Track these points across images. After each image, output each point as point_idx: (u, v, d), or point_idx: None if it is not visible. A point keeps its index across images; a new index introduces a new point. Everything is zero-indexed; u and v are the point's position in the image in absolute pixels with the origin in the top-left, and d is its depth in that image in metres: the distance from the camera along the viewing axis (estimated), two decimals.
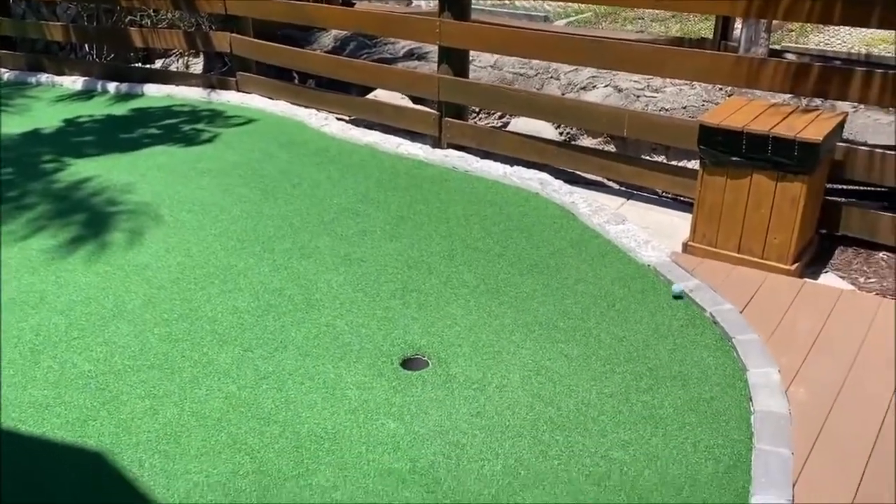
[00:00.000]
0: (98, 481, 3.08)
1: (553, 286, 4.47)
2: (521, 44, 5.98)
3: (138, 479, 3.08)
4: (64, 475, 3.11)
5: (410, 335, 4.03)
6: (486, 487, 3.06)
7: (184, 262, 4.71)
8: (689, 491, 3.04)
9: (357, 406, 3.51)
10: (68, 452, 3.22)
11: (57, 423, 3.38)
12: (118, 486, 3.04)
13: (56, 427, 3.36)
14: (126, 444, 3.27)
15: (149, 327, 4.07)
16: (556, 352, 3.89)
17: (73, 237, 5.03)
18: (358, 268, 4.69)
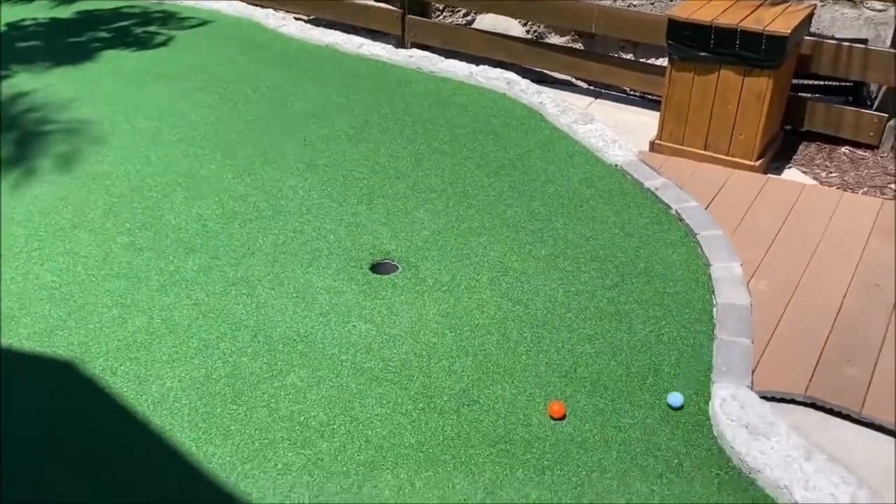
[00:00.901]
0: (70, 388, 3.09)
1: (521, 188, 4.46)
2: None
3: (111, 386, 3.09)
4: (35, 384, 3.11)
5: (379, 240, 4.02)
6: (456, 383, 3.14)
7: (143, 170, 4.59)
8: (652, 380, 3.15)
9: (328, 310, 3.53)
10: (38, 362, 3.21)
11: (24, 334, 3.35)
12: (90, 393, 3.06)
13: (23, 338, 3.33)
14: (96, 352, 3.26)
15: (111, 237, 4.00)
16: (523, 253, 3.92)
17: (26, 147, 4.85)
18: (323, 173, 4.61)
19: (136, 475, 2.73)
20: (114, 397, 3.04)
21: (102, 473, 2.73)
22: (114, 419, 2.95)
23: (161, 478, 2.72)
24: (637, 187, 4.43)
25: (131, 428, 2.91)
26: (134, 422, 2.93)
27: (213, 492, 2.66)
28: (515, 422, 2.96)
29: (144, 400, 3.03)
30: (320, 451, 2.83)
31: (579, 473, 2.75)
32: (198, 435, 2.88)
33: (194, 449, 2.83)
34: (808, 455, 2.69)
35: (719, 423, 2.89)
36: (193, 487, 2.68)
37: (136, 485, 2.70)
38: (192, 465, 2.76)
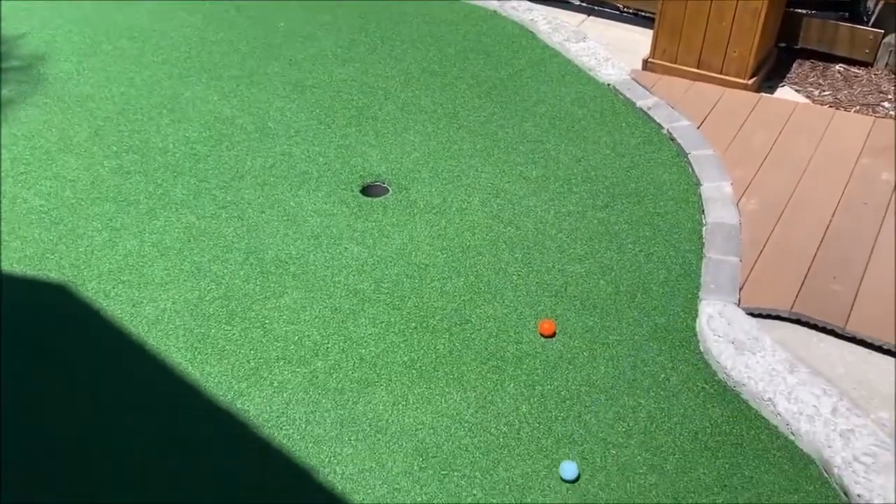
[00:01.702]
0: (65, 310, 3.10)
1: (512, 109, 4.40)
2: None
3: (105, 309, 3.11)
4: (29, 307, 3.13)
5: (369, 162, 3.99)
6: (448, 303, 3.17)
7: (128, 93, 4.50)
8: (641, 298, 3.19)
9: (319, 232, 3.53)
10: (31, 286, 3.21)
11: (14, 258, 3.34)
12: (85, 315, 3.08)
13: (14, 262, 3.33)
14: (88, 276, 3.27)
15: (98, 160, 3.95)
16: (514, 174, 3.91)
17: (5, 69, 4.72)
18: (311, 95, 4.53)
19: (133, 393, 2.78)
20: (108, 319, 3.06)
21: (100, 392, 2.78)
22: (109, 340, 2.98)
23: (158, 395, 2.77)
24: (629, 107, 4.38)
25: (127, 348, 2.94)
26: (129, 343, 2.96)
27: (210, 408, 2.72)
28: (506, 340, 3.01)
29: (139, 322, 3.06)
30: (315, 369, 2.88)
31: (568, 388, 2.82)
32: (193, 355, 2.92)
33: (190, 368, 2.87)
34: (792, 368, 2.77)
35: (706, 340, 2.95)
36: (190, 404, 2.74)
37: (132, 402, 2.75)
38: (189, 384, 2.81)
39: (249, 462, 2.56)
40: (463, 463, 2.56)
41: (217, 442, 2.62)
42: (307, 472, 2.52)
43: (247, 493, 2.46)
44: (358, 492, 2.47)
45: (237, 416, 2.70)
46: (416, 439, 2.63)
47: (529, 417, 2.71)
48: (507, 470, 2.54)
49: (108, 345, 2.96)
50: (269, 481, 2.50)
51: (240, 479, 2.50)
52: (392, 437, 2.64)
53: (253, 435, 2.64)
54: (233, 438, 2.63)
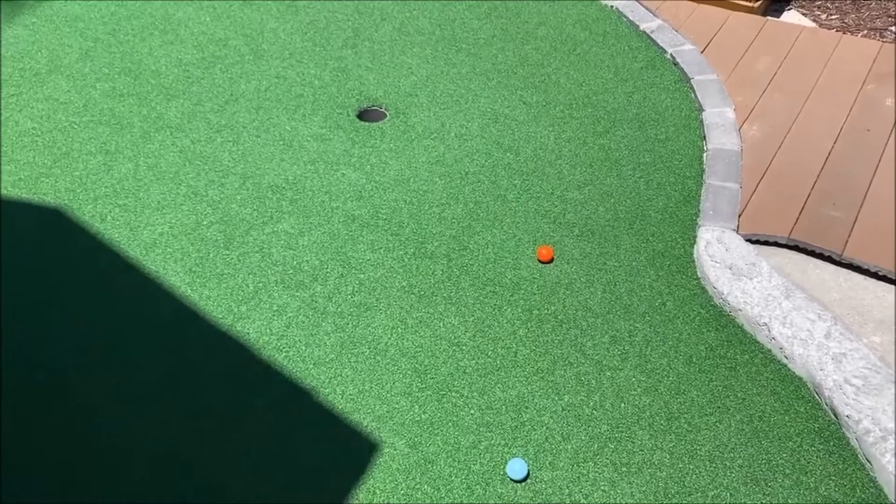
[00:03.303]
0: (61, 233, 3.10)
1: (512, 31, 4.30)
2: None
3: (102, 232, 3.10)
4: (26, 230, 3.11)
5: (366, 86, 3.92)
6: (447, 229, 3.17)
7: (118, 13, 4.37)
8: (639, 224, 3.19)
9: (316, 157, 3.50)
10: (26, 209, 3.19)
11: (9, 182, 3.31)
12: (82, 238, 3.07)
13: (8, 185, 3.30)
14: (84, 199, 3.24)
15: (90, 82, 3.87)
16: (515, 99, 3.84)
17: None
18: (305, 15, 4.41)
19: (132, 316, 2.80)
20: (105, 244, 3.06)
21: (97, 315, 2.80)
22: (107, 263, 2.98)
23: (157, 317, 2.79)
24: (632, 30, 4.28)
25: (125, 272, 2.95)
26: (127, 266, 2.97)
27: (210, 331, 2.75)
28: (504, 266, 3.02)
29: (136, 245, 3.05)
30: (314, 293, 2.90)
31: (565, 312, 2.84)
32: (192, 279, 2.93)
33: (189, 291, 2.88)
34: (788, 294, 2.79)
35: (703, 265, 2.96)
36: (191, 325, 2.76)
37: (133, 324, 2.77)
38: (188, 306, 2.83)
39: (250, 384, 2.60)
40: (461, 384, 2.60)
41: (218, 363, 2.65)
42: (307, 392, 2.57)
43: (246, 414, 2.51)
44: (358, 411, 2.51)
45: (237, 339, 2.73)
46: (415, 361, 2.67)
47: (526, 340, 2.75)
48: (504, 391, 2.58)
49: (106, 269, 2.96)
50: (269, 403, 2.54)
51: (239, 400, 2.55)
52: (391, 360, 2.68)
53: (253, 356, 2.67)
54: (233, 360, 2.66)
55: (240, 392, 2.57)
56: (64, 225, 3.12)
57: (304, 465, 2.37)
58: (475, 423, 2.49)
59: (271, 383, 2.59)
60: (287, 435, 2.45)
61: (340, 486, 2.32)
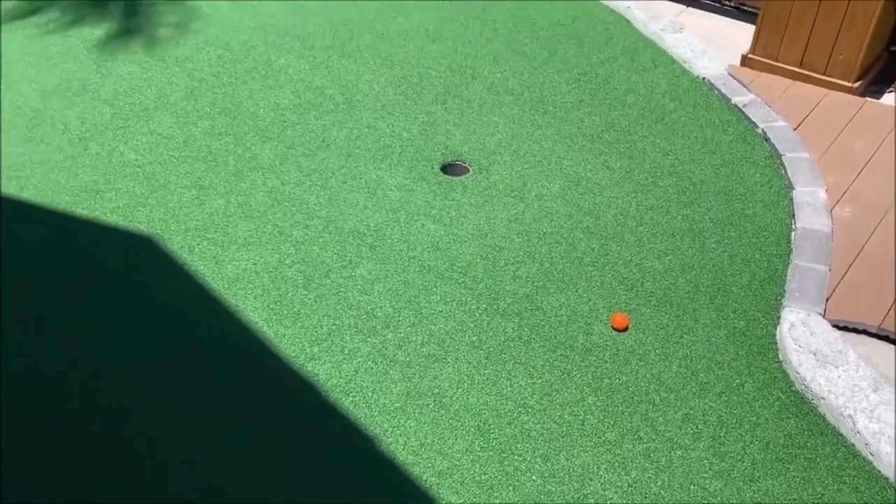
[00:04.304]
0: (151, 262, 3.23)
1: (601, 96, 4.32)
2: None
3: (189, 263, 3.22)
4: (119, 256, 3.27)
5: (452, 141, 3.99)
6: (521, 287, 3.16)
7: (224, 56, 4.62)
8: (721, 300, 3.11)
9: (398, 207, 3.56)
10: (121, 236, 3.35)
11: (109, 208, 3.49)
12: (170, 268, 3.20)
13: (108, 211, 3.48)
14: (175, 230, 3.39)
15: (192, 120, 4.07)
16: (598, 163, 3.84)
17: (112, 28, 4.91)
18: (399, 70, 4.56)
19: (210, 348, 2.88)
20: (191, 275, 3.17)
21: (177, 344, 2.89)
22: (191, 294, 3.09)
23: (233, 351, 2.86)
24: (724, 103, 4.24)
25: (207, 303, 3.05)
26: (209, 298, 3.07)
27: (282, 368, 2.80)
28: (577, 330, 2.98)
29: (220, 279, 3.16)
30: (385, 340, 2.92)
31: (637, 384, 2.77)
32: (269, 315, 3.00)
33: (266, 328, 2.95)
34: (876, 386, 2.65)
35: (786, 348, 2.85)
36: (263, 361, 2.82)
37: (208, 356, 2.85)
38: (263, 342, 2.89)
39: (315, 424, 2.62)
40: (524, 448, 2.55)
41: (286, 401, 2.69)
42: (370, 439, 2.57)
43: (310, 455, 2.52)
44: (419, 464, 2.49)
45: (307, 379, 2.76)
46: (479, 419, 2.64)
47: (595, 409, 2.68)
48: (569, 459, 2.52)
49: (190, 299, 3.07)
50: (333, 446, 2.55)
51: (304, 440, 2.57)
52: (455, 415, 2.66)
53: (321, 399, 2.70)
54: (301, 400, 2.70)
55: (304, 431, 2.59)
56: (154, 254, 3.26)
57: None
58: (536, 490, 2.43)
59: (336, 426, 2.61)
60: (347, 480, 2.44)
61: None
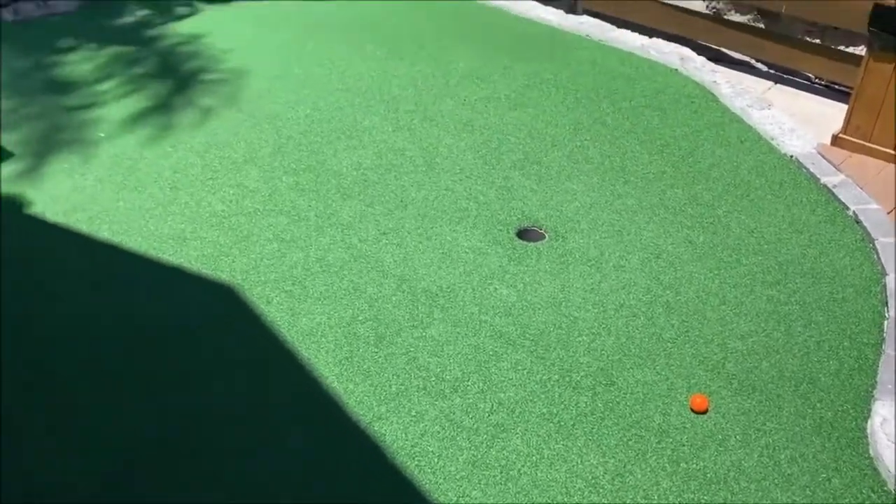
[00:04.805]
0: (230, 310, 3.30)
1: (684, 169, 4.26)
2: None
3: (266, 314, 3.27)
4: (201, 303, 3.35)
5: (528, 206, 3.99)
6: (595, 360, 3.08)
7: (312, 115, 4.78)
8: (806, 387, 2.95)
9: (472, 269, 3.56)
10: (204, 283, 3.45)
11: (193, 256, 3.60)
12: (248, 317, 3.26)
13: (193, 259, 3.58)
14: (255, 281, 3.46)
15: (278, 175, 4.20)
16: (680, 237, 3.76)
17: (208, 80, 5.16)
18: (479, 135, 4.61)
19: (281, 401, 2.89)
20: (267, 326, 3.22)
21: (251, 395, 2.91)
22: (266, 345, 3.13)
23: (303, 405, 2.87)
24: (812, 182, 4.12)
25: (280, 355, 3.08)
26: (284, 350, 3.10)
27: (349, 426, 2.78)
28: (653, 409, 2.87)
29: (295, 331, 3.19)
30: (453, 405, 2.88)
31: (716, 470, 2.64)
32: (340, 371, 3.01)
33: (336, 383, 2.95)
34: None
35: (877, 444, 2.67)
36: (332, 417, 2.81)
37: (278, 405, 2.86)
38: (332, 397, 2.89)
39: (380, 487, 2.57)
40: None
41: (352, 462, 2.66)
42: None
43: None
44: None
45: (373, 439, 2.73)
46: (548, 496, 2.55)
47: (669, 494, 2.55)
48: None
49: (264, 350, 3.11)
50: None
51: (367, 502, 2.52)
52: (522, 489, 2.57)
53: (386, 461, 2.66)
54: (367, 459, 2.66)
55: (369, 494, 2.55)
56: (233, 302, 3.34)
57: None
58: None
59: (400, 491, 2.56)
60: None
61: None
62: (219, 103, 4.89)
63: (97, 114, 4.75)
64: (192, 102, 4.90)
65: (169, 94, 5.00)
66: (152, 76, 5.23)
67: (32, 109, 4.79)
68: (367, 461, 2.66)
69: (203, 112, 4.79)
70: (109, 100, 4.91)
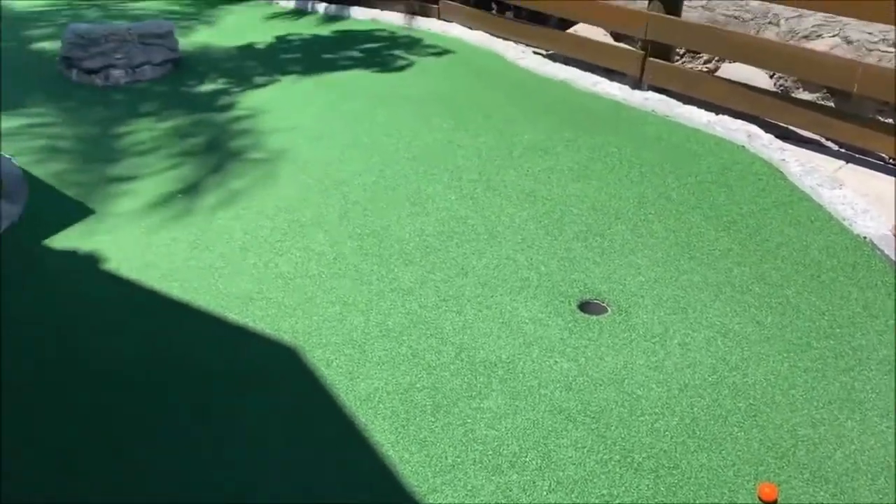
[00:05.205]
0: (291, 372, 3.33)
1: (751, 247, 4.18)
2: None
3: (325, 377, 3.29)
4: (263, 363, 3.40)
5: (591, 279, 3.96)
6: (658, 441, 2.98)
7: (378, 183, 4.89)
8: (884, 482, 2.79)
9: (532, 341, 3.52)
10: (267, 343, 3.50)
11: (258, 316, 3.67)
12: (308, 380, 3.28)
13: (257, 319, 3.66)
14: (316, 343, 3.50)
15: (342, 239, 4.29)
16: (747, 317, 3.66)
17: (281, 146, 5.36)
18: (542, 205, 4.64)
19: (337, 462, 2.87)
20: (325, 389, 3.24)
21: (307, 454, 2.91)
22: (324, 410, 3.13)
23: (357, 470, 2.84)
24: (887, 265, 3.98)
25: (337, 421, 3.07)
26: (341, 415, 3.10)
27: (404, 497, 2.74)
28: (719, 496, 2.75)
29: (352, 395, 3.19)
30: (510, 481, 2.81)
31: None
32: (396, 439, 2.98)
33: (391, 451, 2.93)
34: None
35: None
36: (386, 487, 2.78)
37: (330, 471, 2.84)
38: (387, 466, 2.86)
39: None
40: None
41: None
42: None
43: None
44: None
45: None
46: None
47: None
48: None
49: (323, 414, 3.11)
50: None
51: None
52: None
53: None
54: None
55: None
56: (295, 364, 3.37)
57: None
58: None
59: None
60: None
61: None
62: (290, 169, 5.06)
63: (173, 174, 4.97)
64: (264, 167, 5.09)
65: (242, 159, 5.21)
66: (227, 141, 5.46)
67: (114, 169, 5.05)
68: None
69: (274, 177, 4.96)
70: (185, 161, 5.14)
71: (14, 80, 6.66)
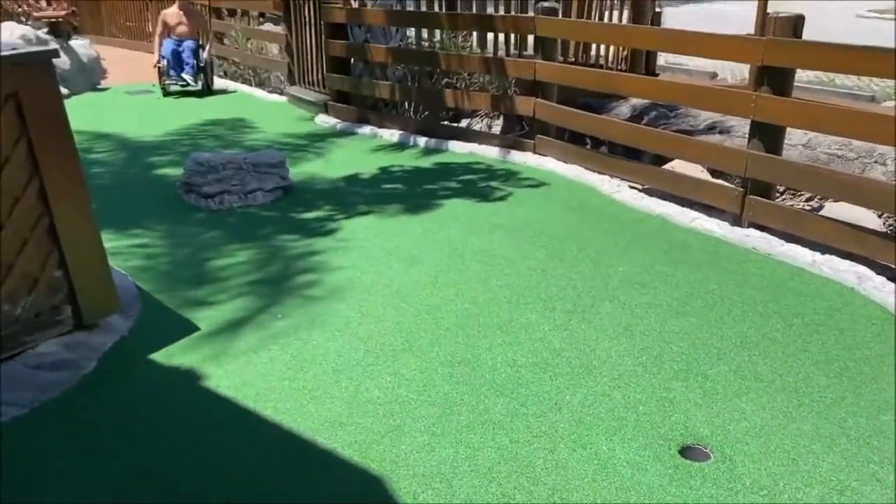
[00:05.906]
0: (377, 502, 3.25)
1: (867, 396, 3.90)
2: (859, 125, 5.42)
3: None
4: (350, 492, 3.33)
5: (692, 422, 3.76)
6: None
7: (470, 309, 4.91)
8: None
9: (630, 486, 3.33)
10: (353, 472, 3.44)
11: (347, 442, 3.64)
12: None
13: (346, 445, 3.62)
14: (403, 474, 3.42)
15: (433, 366, 4.27)
16: (866, 473, 3.36)
17: (378, 271, 5.50)
18: (640, 340, 4.51)
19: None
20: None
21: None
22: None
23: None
24: None
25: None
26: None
27: None
28: None
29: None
30: None
31: None
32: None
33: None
34: None
35: None
36: None
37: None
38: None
39: None
40: None
41: None
42: None
43: None
44: None
45: None
46: None
47: None
48: None
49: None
50: None
51: None
52: None
53: None
54: None
55: None
56: (380, 495, 3.29)
57: None
58: None
59: None
60: None
61: None
62: (384, 293, 5.16)
63: (276, 294, 5.14)
64: (361, 290, 5.21)
65: (341, 281, 5.36)
66: (328, 263, 5.66)
67: (222, 287, 5.28)
68: None
69: (369, 300, 5.06)
70: (288, 282, 5.33)
71: (136, 202, 7.22)
